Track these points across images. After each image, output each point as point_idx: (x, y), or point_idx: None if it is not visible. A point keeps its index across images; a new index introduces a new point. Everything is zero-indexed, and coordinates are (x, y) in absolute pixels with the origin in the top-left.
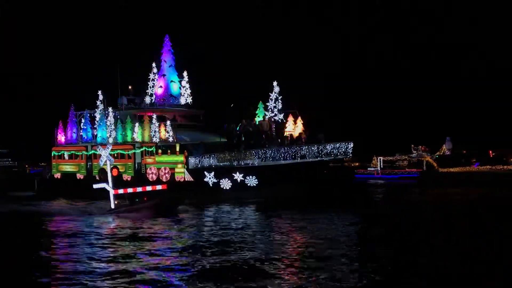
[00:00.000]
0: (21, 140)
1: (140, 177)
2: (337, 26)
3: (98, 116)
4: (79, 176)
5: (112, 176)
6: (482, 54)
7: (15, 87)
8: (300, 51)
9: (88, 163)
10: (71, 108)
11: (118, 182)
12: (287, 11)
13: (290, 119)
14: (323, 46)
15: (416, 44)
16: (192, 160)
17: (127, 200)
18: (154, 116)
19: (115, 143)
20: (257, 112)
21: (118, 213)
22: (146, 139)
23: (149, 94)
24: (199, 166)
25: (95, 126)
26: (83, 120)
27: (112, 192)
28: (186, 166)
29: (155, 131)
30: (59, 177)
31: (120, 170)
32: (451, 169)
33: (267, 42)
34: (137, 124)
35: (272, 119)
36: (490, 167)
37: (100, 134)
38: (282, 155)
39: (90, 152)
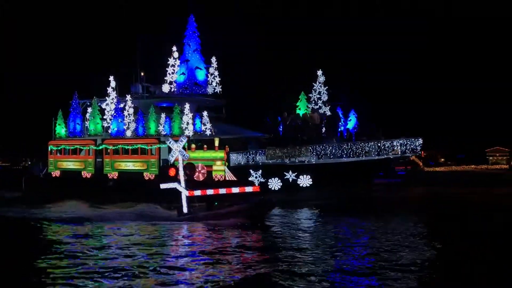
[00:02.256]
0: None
1: (165, 176)
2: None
3: (109, 106)
4: (85, 174)
5: (186, 174)
6: None
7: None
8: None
9: (97, 159)
10: (75, 96)
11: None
12: None
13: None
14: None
15: None
16: (233, 157)
17: (195, 204)
18: (187, 106)
19: (135, 137)
20: (297, 104)
21: (193, 220)
22: (176, 132)
23: (168, 81)
24: (242, 163)
25: (104, 117)
26: (89, 110)
27: (186, 193)
28: (227, 164)
29: (187, 123)
30: (58, 175)
31: (141, 168)
32: (436, 168)
33: (309, 24)
34: (163, 115)
35: (323, 112)
36: (474, 166)
37: (114, 126)
38: (344, 152)
39: (101, 147)
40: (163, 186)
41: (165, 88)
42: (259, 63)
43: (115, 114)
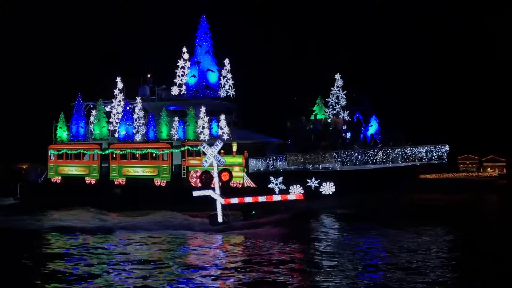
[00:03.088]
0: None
1: (179, 182)
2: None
3: (115, 108)
4: (89, 180)
5: (221, 181)
6: None
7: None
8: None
9: (103, 164)
10: (78, 98)
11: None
12: None
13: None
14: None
15: None
16: (252, 163)
17: (226, 213)
18: (203, 109)
19: (145, 141)
20: (314, 108)
21: (229, 230)
22: (191, 136)
23: (177, 84)
24: (261, 169)
25: (110, 120)
26: (93, 113)
27: (221, 201)
28: (245, 170)
29: (202, 127)
30: (58, 181)
31: (152, 174)
32: (428, 176)
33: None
34: (176, 119)
35: (344, 117)
36: (465, 174)
37: (123, 129)
38: (370, 158)
39: (108, 151)
40: (196, 193)
41: (174, 90)
42: (274, 66)
43: (124, 117)
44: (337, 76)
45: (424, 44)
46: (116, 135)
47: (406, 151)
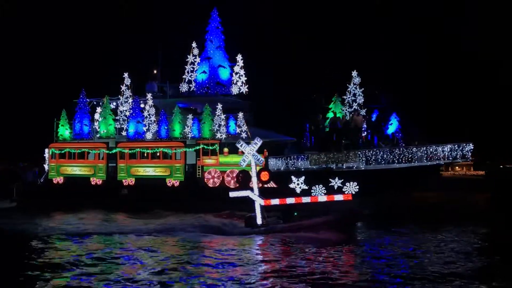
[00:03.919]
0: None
1: (193, 183)
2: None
3: (122, 105)
4: (95, 180)
5: (260, 181)
6: None
7: None
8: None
9: (110, 164)
10: (82, 94)
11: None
12: None
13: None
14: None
15: None
16: (272, 162)
17: (262, 215)
18: (219, 106)
19: (156, 139)
20: (330, 106)
21: (269, 233)
22: (206, 135)
23: (186, 80)
24: (282, 169)
25: (117, 118)
26: (98, 110)
27: (260, 202)
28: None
29: (219, 125)
30: (60, 181)
31: (164, 173)
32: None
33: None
34: (190, 116)
35: (361, 115)
36: (452, 172)
37: (132, 127)
38: (396, 157)
39: (115, 150)
40: (232, 194)
41: (183, 87)
42: (290, 63)
43: (133, 114)
44: (354, 73)
45: (424, 44)
46: (124, 133)
47: (431, 149)
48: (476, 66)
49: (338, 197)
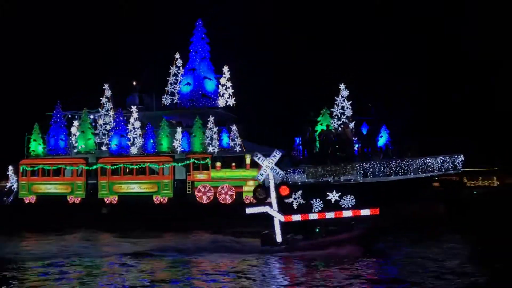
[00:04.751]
0: None
1: (182, 199)
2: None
3: (102, 118)
4: (72, 199)
5: (279, 196)
6: None
7: None
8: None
9: (89, 181)
10: (57, 106)
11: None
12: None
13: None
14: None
15: None
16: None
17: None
18: (211, 119)
19: (142, 154)
20: (319, 119)
21: (290, 251)
22: (197, 148)
23: (169, 92)
24: (277, 183)
25: (96, 132)
26: (75, 123)
27: (280, 219)
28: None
29: (211, 138)
30: (33, 201)
31: (151, 190)
32: None
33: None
34: (179, 129)
35: (350, 127)
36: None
37: (115, 142)
38: (393, 170)
39: (96, 166)
40: (249, 210)
41: (166, 99)
42: (276, 74)
43: (116, 128)
44: (342, 86)
45: (424, 44)
46: (105, 148)
47: (425, 161)
48: (475, 66)
49: (365, 212)
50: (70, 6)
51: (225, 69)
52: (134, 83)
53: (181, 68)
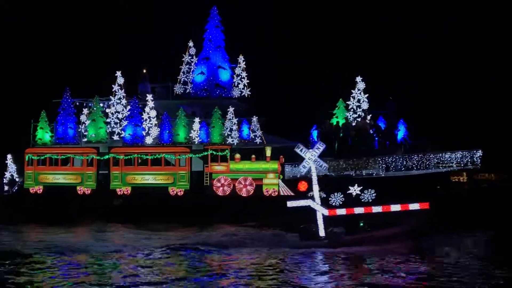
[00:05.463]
0: None
1: (200, 191)
2: None
3: (114, 107)
4: (82, 190)
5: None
6: None
7: None
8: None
9: (100, 171)
10: (66, 93)
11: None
12: None
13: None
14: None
15: None
16: (287, 169)
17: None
18: (231, 109)
19: (157, 144)
20: (335, 111)
21: (334, 246)
22: (216, 139)
23: (181, 81)
24: (298, 176)
25: (108, 120)
26: (85, 111)
27: (324, 212)
28: (281, 176)
29: (230, 129)
30: (40, 191)
31: (166, 182)
32: None
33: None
34: (197, 120)
35: (369, 121)
36: None
37: (129, 131)
38: (415, 164)
39: (108, 156)
40: (290, 204)
41: (178, 88)
42: (292, 65)
43: (131, 116)
44: (358, 79)
45: (424, 44)
46: (116, 137)
47: (446, 156)
48: (475, 66)
49: (414, 206)
50: (70, 6)
51: (240, 58)
52: (144, 71)
53: (194, 57)
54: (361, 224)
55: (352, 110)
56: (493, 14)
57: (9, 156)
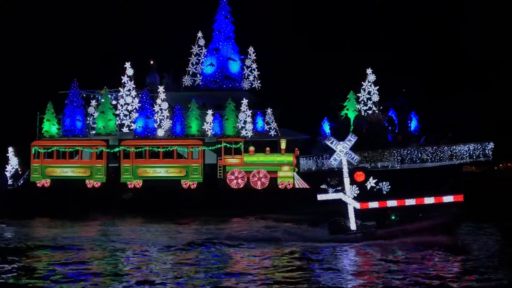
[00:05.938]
0: None
1: (213, 184)
2: None
3: (123, 98)
4: (92, 183)
5: (353, 182)
6: None
7: None
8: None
9: (110, 164)
10: (73, 85)
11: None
12: None
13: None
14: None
15: None
16: (302, 162)
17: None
18: (245, 101)
19: (169, 136)
20: (345, 104)
21: (368, 240)
22: (230, 132)
23: (190, 73)
24: (313, 169)
25: (116, 112)
26: (93, 103)
27: (356, 206)
28: (296, 169)
29: (244, 122)
30: (47, 184)
31: (179, 174)
32: None
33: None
34: (209, 112)
35: (380, 113)
36: None
37: (140, 123)
38: (430, 156)
39: (118, 149)
40: (321, 197)
41: (187, 80)
42: (302, 57)
43: (143, 107)
44: (369, 71)
45: (424, 44)
46: (125, 129)
47: (459, 148)
48: (475, 66)
49: (448, 199)
50: (70, 7)
51: (250, 50)
52: (152, 62)
53: (203, 48)
54: (393, 217)
55: (362, 102)
56: (493, 14)
57: (10, 149)
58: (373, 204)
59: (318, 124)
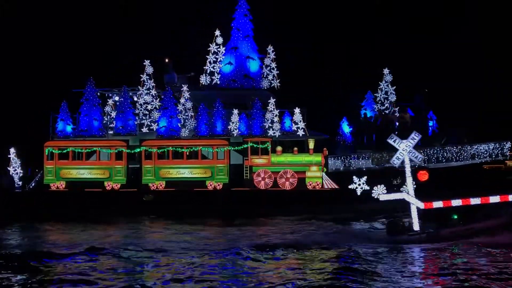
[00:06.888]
0: None
1: (239, 185)
2: None
3: (142, 97)
4: (111, 185)
5: (416, 182)
6: None
7: None
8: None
9: (130, 166)
10: (90, 83)
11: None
12: None
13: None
14: None
15: None
16: (330, 162)
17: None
18: (272, 100)
19: (194, 136)
20: (363, 103)
21: (433, 241)
22: (257, 131)
23: (208, 71)
24: (341, 169)
25: (136, 112)
26: (110, 102)
27: (419, 206)
28: (325, 169)
29: (272, 121)
30: (62, 187)
31: (204, 175)
32: None
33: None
34: (235, 111)
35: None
36: None
37: (163, 123)
38: (454, 156)
39: (139, 150)
40: (383, 197)
41: (204, 78)
42: (320, 57)
43: (165, 107)
44: (386, 71)
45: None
46: (145, 129)
47: (480, 148)
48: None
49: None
50: (70, 7)
51: (270, 49)
52: (167, 60)
53: (221, 46)
54: (455, 217)
55: (380, 102)
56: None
57: (12, 150)
58: (438, 204)
59: (337, 124)
